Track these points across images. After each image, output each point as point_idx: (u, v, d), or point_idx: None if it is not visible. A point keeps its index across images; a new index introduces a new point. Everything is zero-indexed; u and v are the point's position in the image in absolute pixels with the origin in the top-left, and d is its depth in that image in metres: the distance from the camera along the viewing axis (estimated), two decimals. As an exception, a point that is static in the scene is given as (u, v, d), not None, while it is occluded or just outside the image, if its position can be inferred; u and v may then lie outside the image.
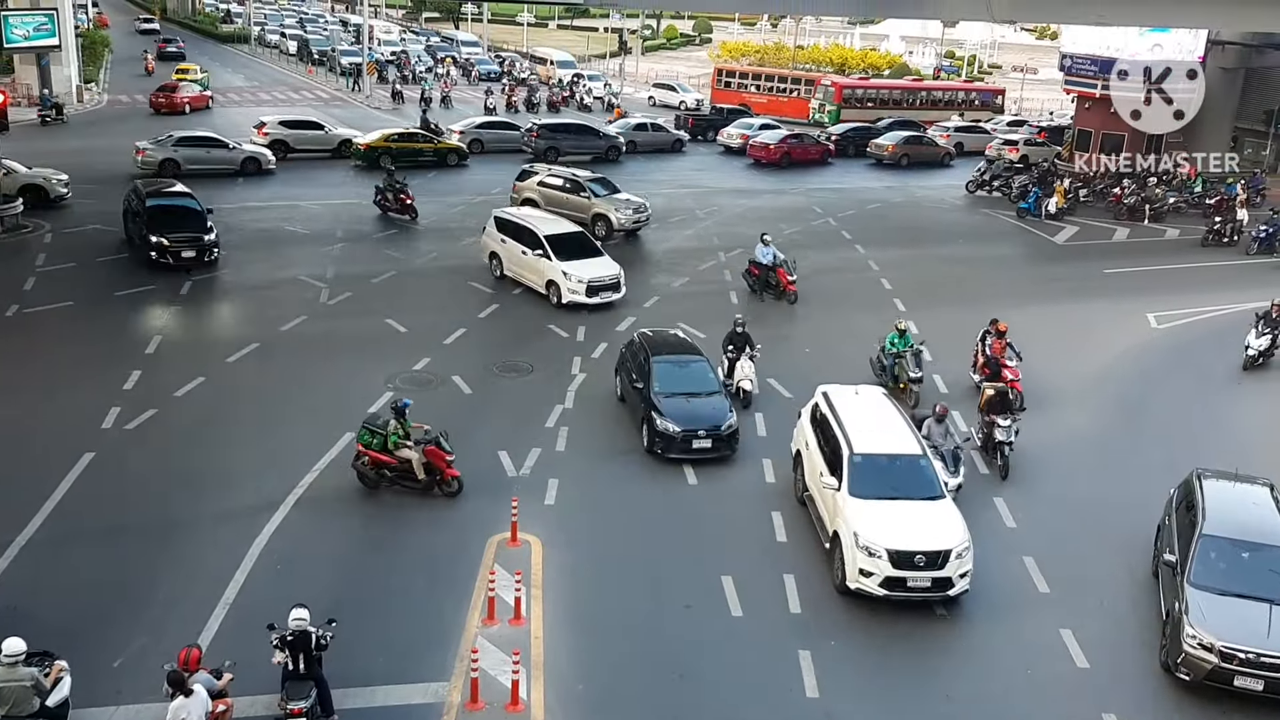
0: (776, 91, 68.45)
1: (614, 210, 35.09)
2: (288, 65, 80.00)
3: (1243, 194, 41.47)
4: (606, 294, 28.31)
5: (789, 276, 29.40)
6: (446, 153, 46.19)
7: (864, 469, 17.02)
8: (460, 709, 13.51)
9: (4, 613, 14.47)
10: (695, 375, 21.45)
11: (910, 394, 23.11)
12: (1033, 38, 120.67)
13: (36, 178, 34.61)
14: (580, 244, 29.41)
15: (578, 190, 35.95)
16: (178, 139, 41.21)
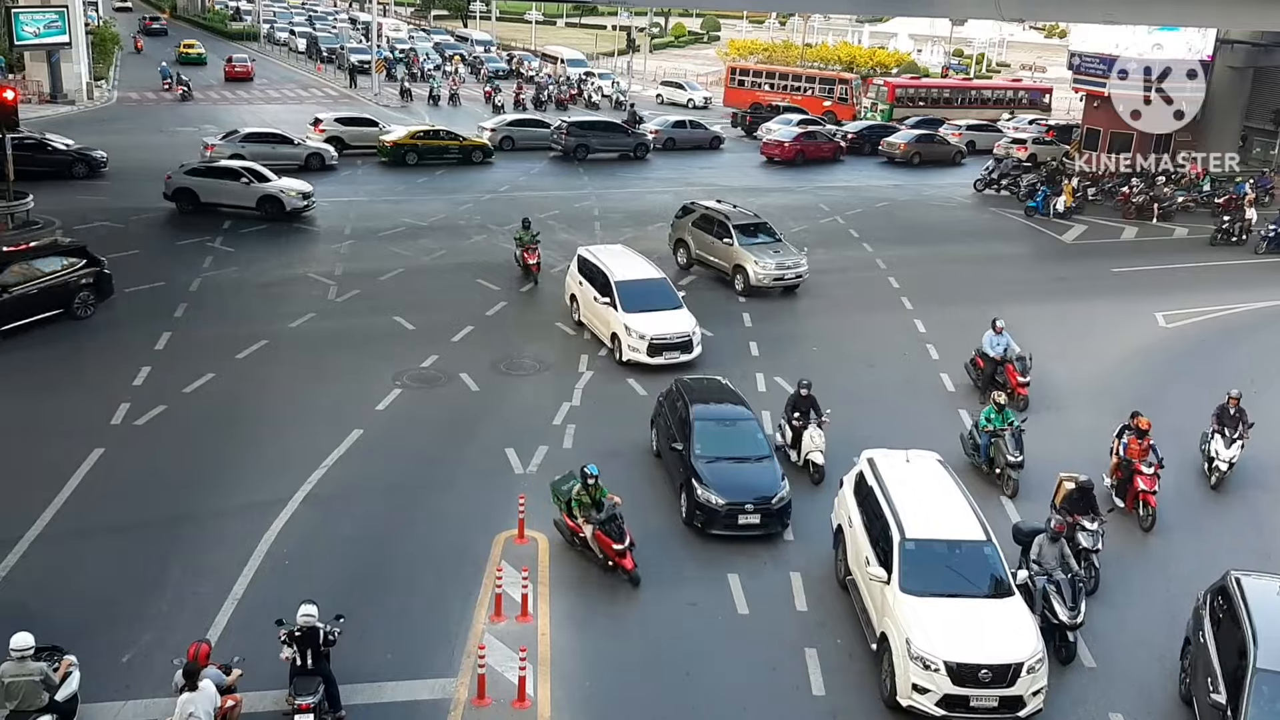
0: (791, 90, 68.20)
1: (754, 262, 29.81)
2: (297, 62, 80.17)
3: (1251, 193, 41.37)
4: (673, 354, 24.16)
5: (1020, 377, 23.19)
6: (471, 150, 46.59)
7: (918, 558, 14.44)
8: (467, 705, 13.56)
9: (13, 608, 14.56)
10: (743, 436, 18.82)
11: (1007, 481, 19.73)
12: (1041, 36, 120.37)
13: (273, 190, 35.97)
14: (657, 293, 25.34)
15: (721, 233, 31.01)
16: (245, 135, 42.20)
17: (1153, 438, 19.13)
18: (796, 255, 30.62)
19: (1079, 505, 17.14)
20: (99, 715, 12.98)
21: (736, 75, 71.36)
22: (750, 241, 30.44)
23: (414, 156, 45.05)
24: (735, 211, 32.01)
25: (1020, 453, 19.56)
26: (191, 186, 35.45)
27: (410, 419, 21.56)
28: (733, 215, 31.45)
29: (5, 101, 32.26)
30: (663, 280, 26.01)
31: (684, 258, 32.05)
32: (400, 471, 19.45)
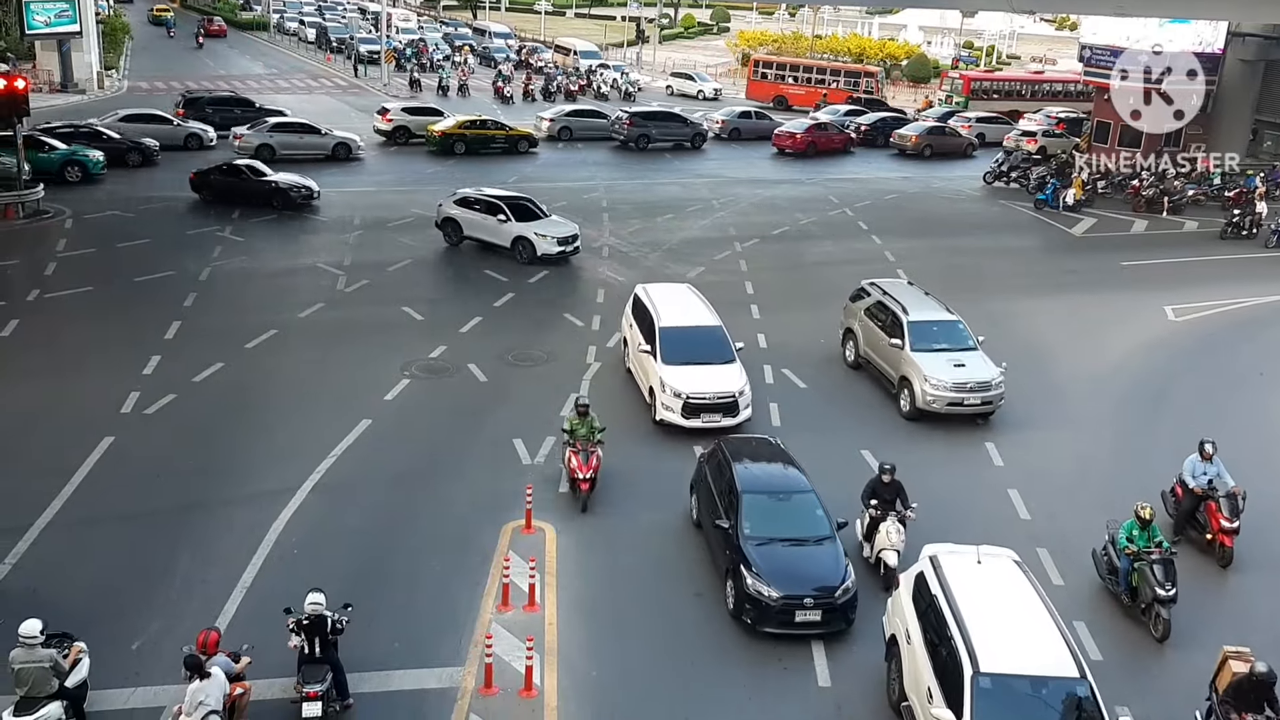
0: (815, 83, 67.60)
1: (925, 379, 21.93)
2: (306, 53, 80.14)
3: (1262, 186, 41.20)
4: (713, 417, 20.65)
5: (1225, 520, 17.59)
6: (517, 139, 47.17)
7: (996, 701, 11.67)
8: (474, 694, 13.61)
9: (23, 595, 14.70)
10: (800, 513, 16.11)
11: (1156, 621, 15.66)
12: (1052, 28, 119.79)
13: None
14: (706, 344, 21.87)
15: (893, 329, 23.26)
16: (273, 125, 42.85)
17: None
18: (989, 370, 22.25)
19: (1247, 699, 12.74)
20: (108, 702, 13.07)
21: (760, 68, 70.60)
22: (928, 347, 22.73)
23: (461, 146, 45.68)
24: (920, 299, 24.45)
25: (1173, 585, 15.57)
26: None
27: (418, 409, 21.61)
28: (913, 307, 23.74)
29: (16, 91, 32.33)
30: (715, 329, 22.29)
31: (851, 353, 24.81)
32: (408, 461, 19.50)
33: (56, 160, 36.53)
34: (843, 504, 16.86)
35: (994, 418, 22.40)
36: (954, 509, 18.71)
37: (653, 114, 52.80)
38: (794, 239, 35.89)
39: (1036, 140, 52.36)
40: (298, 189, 35.57)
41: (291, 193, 35.33)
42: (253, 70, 69.11)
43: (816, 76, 68.75)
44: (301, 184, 35.79)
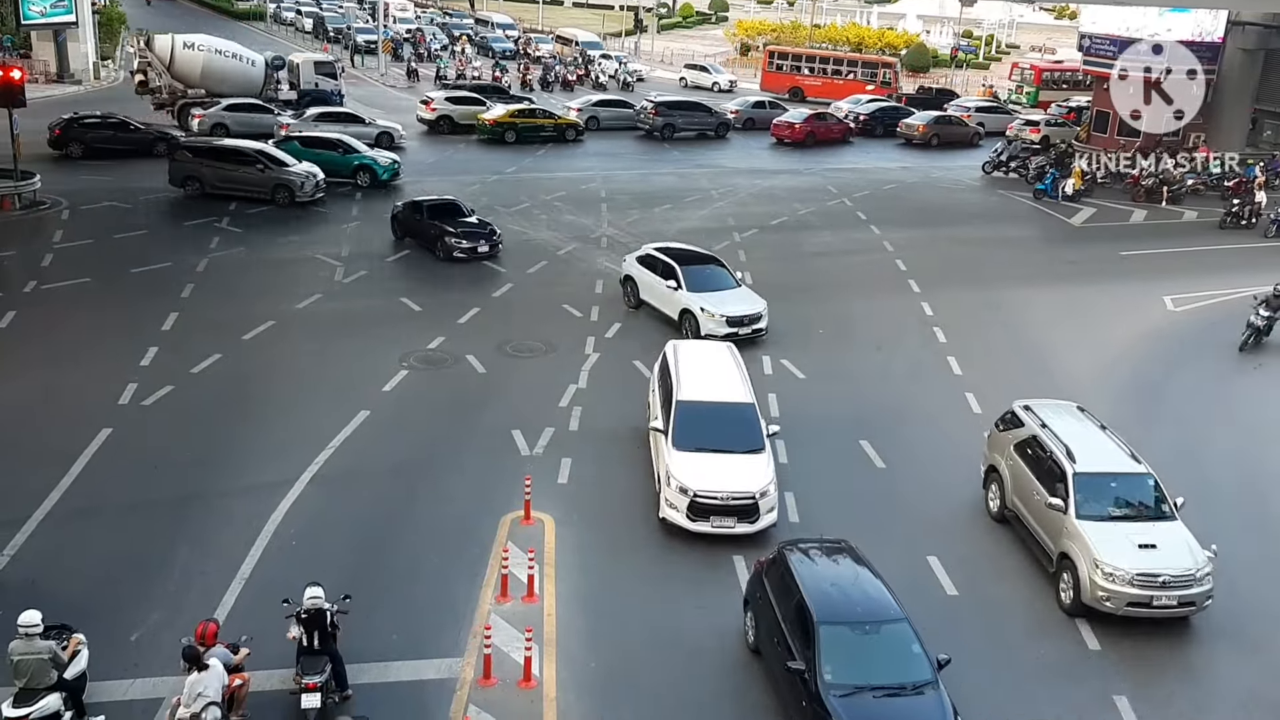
0: (832, 74, 67.26)
1: (1091, 561, 15.41)
2: (303, 42, 79.90)
3: (1261, 176, 41.18)
4: (725, 521, 16.75)
5: None
6: (565, 128, 48.39)
7: None
8: (473, 685, 13.62)
9: (22, 586, 14.70)
10: (893, 649, 12.90)
11: None
12: (1051, 17, 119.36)
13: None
14: (730, 425, 17.94)
15: (1050, 479, 16.80)
16: (318, 114, 43.50)
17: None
18: (1190, 556, 15.53)
19: None
20: (107, 693, 13.06)
21: (775, 59, 69.91)
22: (1102, 514, 16.10)
23: (512, 135, 46.72)
24: (1095, 438, 17.52)
25: None
26: None
27: (417, 400, 21.59)
28: (1083, 450, 16.86)
29: (12, 81, 32.24)
30: (745, 408, 18.22)
31: (995, 501, 18.26)
32: (407, 452, 19.49)
33: (350, 164, 37.29)
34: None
35: (991, 407, 22.34)
36: (952, 500, 18.74)
37: (678, 103, 53.52)
38: (793, 229, 35.84)
39: (1039, 130, 52.27)
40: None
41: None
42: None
43: (833, 67, 68.26)
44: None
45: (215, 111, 42.79)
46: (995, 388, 23.32)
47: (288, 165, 34.97)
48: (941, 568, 16.68)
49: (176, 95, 45.09)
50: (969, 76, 79.04)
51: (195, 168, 34.78)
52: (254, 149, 35.45)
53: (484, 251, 30.05)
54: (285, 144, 37.45)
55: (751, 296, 25.88)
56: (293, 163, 35.36)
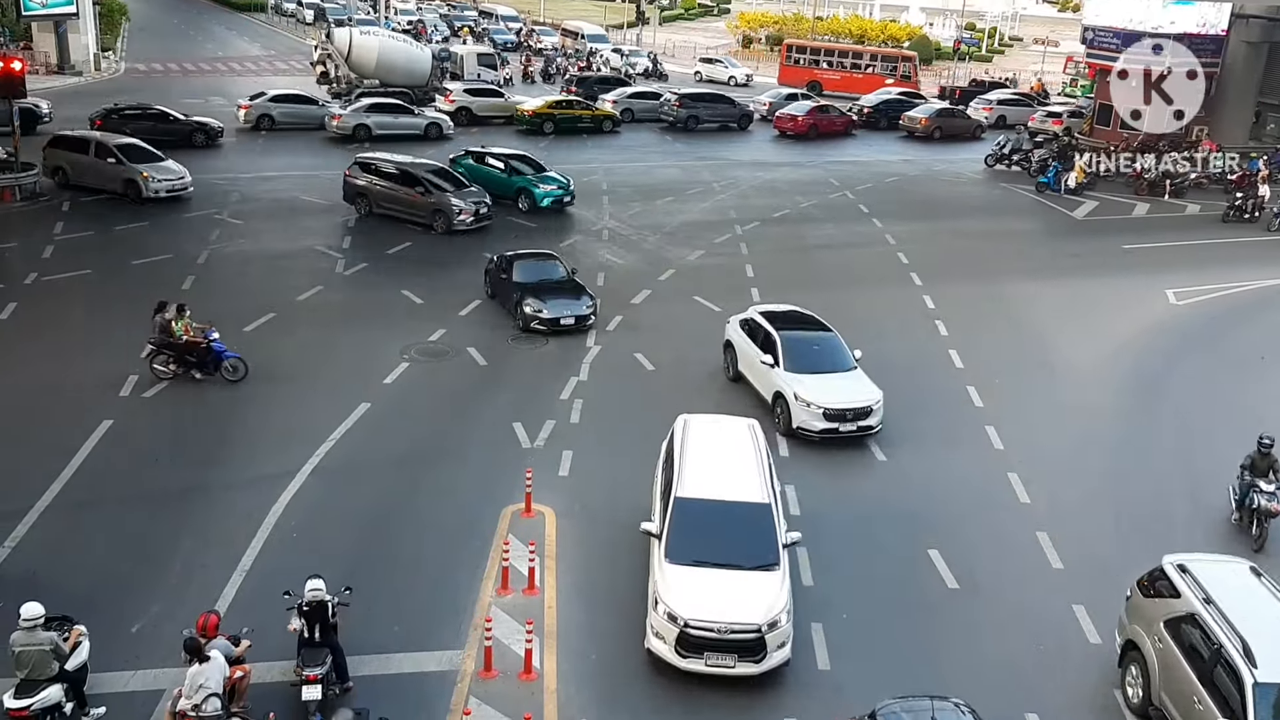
0: (851, 68, 66.81)
1: None
2: (304, 34, 79.78)
3: (1265, 169, 41.07)
4: (723, 661, 13.76)
5: None
6: (602, 119, 49.15)
7: None
8: (474, 677, 13.62)
9: (23, 578, 14.69)
10: None
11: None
12: (1054, 10, 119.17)
13: None
14: (740, 534, 14.79)
15: (1213, 681, 12.49)
16: (368, 105, 44.07)
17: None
18: None
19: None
20: (108, 684, 13.08)
21: (792, 53, 69.32)
22: None
23: (550, 125, 47.42)
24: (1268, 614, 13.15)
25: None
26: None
27: (418, 392, 21.58)
28: (1262, 648, 12.17)
29: (12, 72, 32.19)
30: (758, 510, 14.90)
31: (1136, 689, 13.90)
32: (408, 445, 19.48)
33: (513, 186, 34.74)
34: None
35: (993, 400, 22.37)
36: (954, 493, 18.74)
37: (701, 96, 53.89)
38: (795, 222, 35.78)
39: (1062, 121, 52.20)
40: None
41: None
42: (250, 52, 68.82)
43: (852, 61, 67.78)
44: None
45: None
46: (997, 381, 23.34)
47: (446, 189, 32.09)
48: (941, 559, 16.61)
49: (353, 85, 47.53)
50: (971, 69, 78.79)
51: (364, 185, 32.67)
52: (426, 169, 32.90)
53: (568, 324, 24.57)
54: (460, 161, 35.75)
55: (864, 383, 20.70)
56: (453, 188, 32.38)
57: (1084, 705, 14.03)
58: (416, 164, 33.30)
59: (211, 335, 21.25)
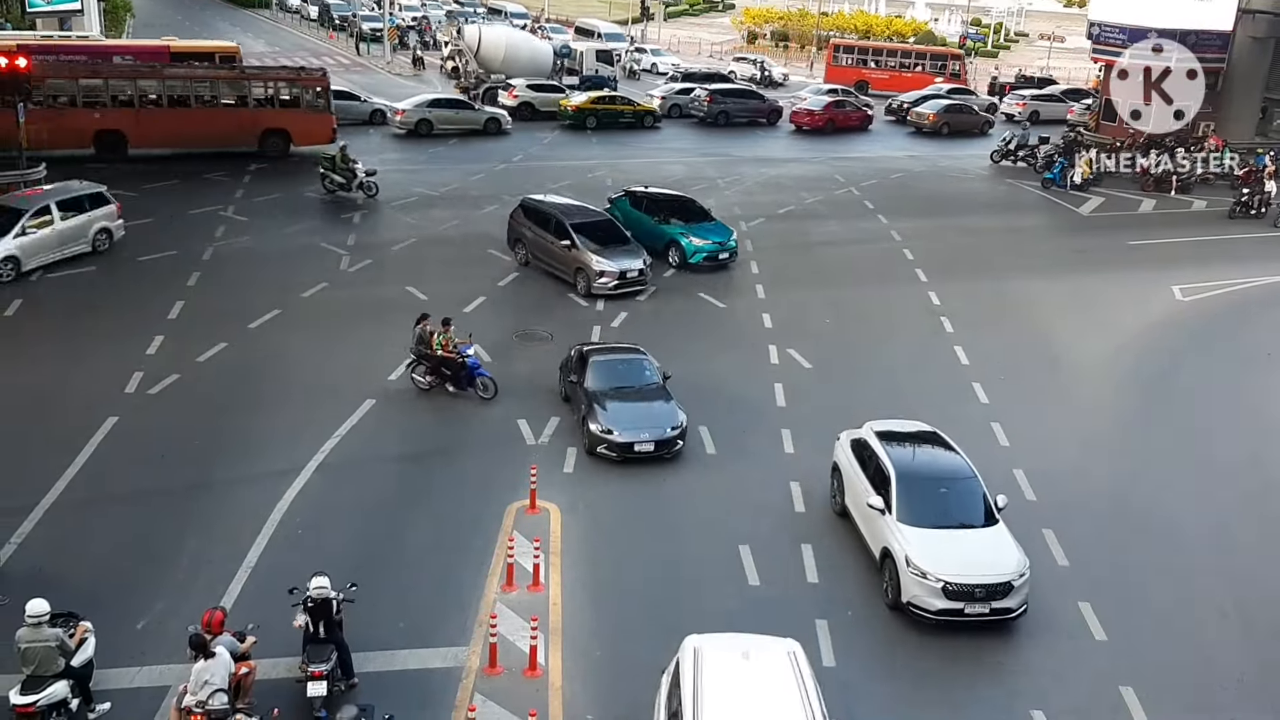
0: (900, 67, 66.66)
1: None
2: (308, 30, 79.83)
3: (1271, 165, 40.95)
4: None
5: None
6: (643, 115, 49.91)
7: None
8: (479, 673, 13.63)
9: (29, 574, 14.72)
10: None
11: None
12: (1060, 5, 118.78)
13: None
14: None
15: None
16: (430, 100, 45.71)
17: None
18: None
19: None
20: (114, 681, 13.10)
21: (840, 52, 69.07)
22: None
23: (593, 120, 48.23)
24: None
25: None
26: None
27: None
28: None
29: (17, 69, 32.17)
30: None
31: None
32: (412, 441, 19.50)
33: (664, 237, 29.66)
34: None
35: (999, 397, 22.33)
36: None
37: (730, 92, 54.22)
38: (800, 218, 35.73)
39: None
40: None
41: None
42: (254, 48, 68.70)
43: (901, 60, 67.76)
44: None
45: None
46: (1002, 378, 23.30)
47: (592, 245, 26.85)
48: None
49: (481, 80, 49.71)
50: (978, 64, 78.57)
51: (522, 231, 28.73)
52: (581, 216, 28.30)
53: (645, 450, 18.87)
54: (617, 203, 31.11)
55: (1004, 545, 15.45)
56: (606, 243, 27.14)
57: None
58: (572, 209, 28.89)
59: (467, 351, 20.90)
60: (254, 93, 38.81)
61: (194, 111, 37.98)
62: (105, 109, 36.79)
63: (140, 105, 37.13)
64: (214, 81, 38.76)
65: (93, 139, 36.50)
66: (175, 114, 37.56)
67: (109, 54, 43.03)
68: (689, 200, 31.55)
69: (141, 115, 37.09)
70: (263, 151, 38.54)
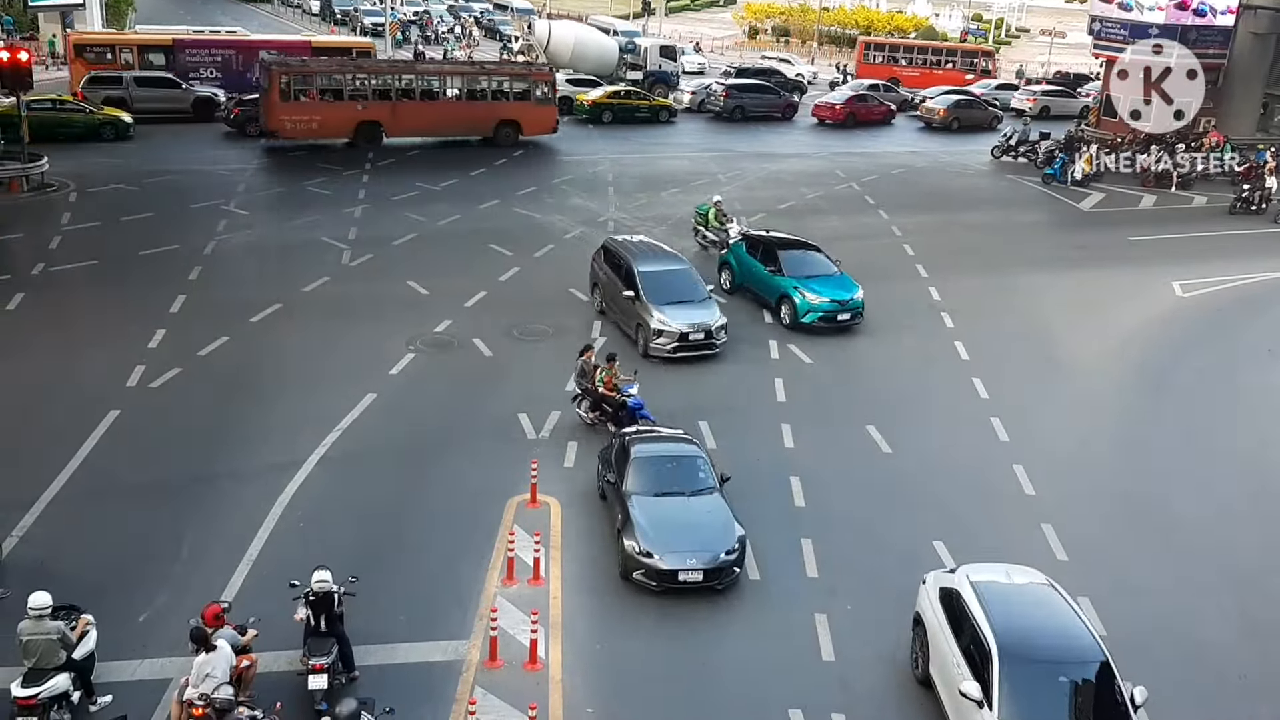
0: (930, 64, 66.88)
1: None
2: (311, 24, 79.71)
3: (1272, 161, 40.95)
4: None
5: None
6: (659, 109, 50.54)
7: None
8: (479, 667, 13.66)
9: (31, 567, 14.76)
10: None
11: None
12: (1061, 0, 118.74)
13: None
14: None
15: None
16: None
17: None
18: None
19: None
20: (115, 673, 13.12)
21: (870, 50, 69.31)
22: None
23: (609, 115, 48.71)
24: None
25: None
26: None
27: (424, 383, 21.61)
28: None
29: (19, 63, 32.20)
30: None
31: None
32: (413, 435, 19.52)
33: (776, 289, 25.70)
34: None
35: (998, 394, 22.34)
36: (959, 485, 18.74)
37: (747, 86, 54.25)
38: (800, 214, 35.72)
39: None
40: None
41: None
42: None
43: (931, 57, 67.92)
44: None
45: None
46: (1003, 373, 23.33)
47: (652, 300, 23.19)
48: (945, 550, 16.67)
49: None
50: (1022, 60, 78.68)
51: (599, 275, 25.79)
52: (658, 263, 24.45)
53: (693, 579, 15.30)
54: (734, 248, 27.76)
55: None
56: (676, 299, 23.35)
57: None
58: (648, 253, 24.98)
59: (629, 390, 19.47)
60: (492, 86, 42.53)
61: (440, 104, 41.55)
62: (367, 102, 40.03)
63: (396, 99, 40.46)
64: (458, 76, 42.70)
65: (354, 129, 39.96)
66: (425, 106, 41.17)
67: (254, 48, 46.86)
68: (813, 246, 27.32)
69: (397, 107, 40.51)
70: (495, 140, 42.12)
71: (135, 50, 45.74)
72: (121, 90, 42.16)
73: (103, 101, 40.57)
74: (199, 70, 46.36)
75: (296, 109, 38.61)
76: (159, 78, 44.28)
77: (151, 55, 46.15)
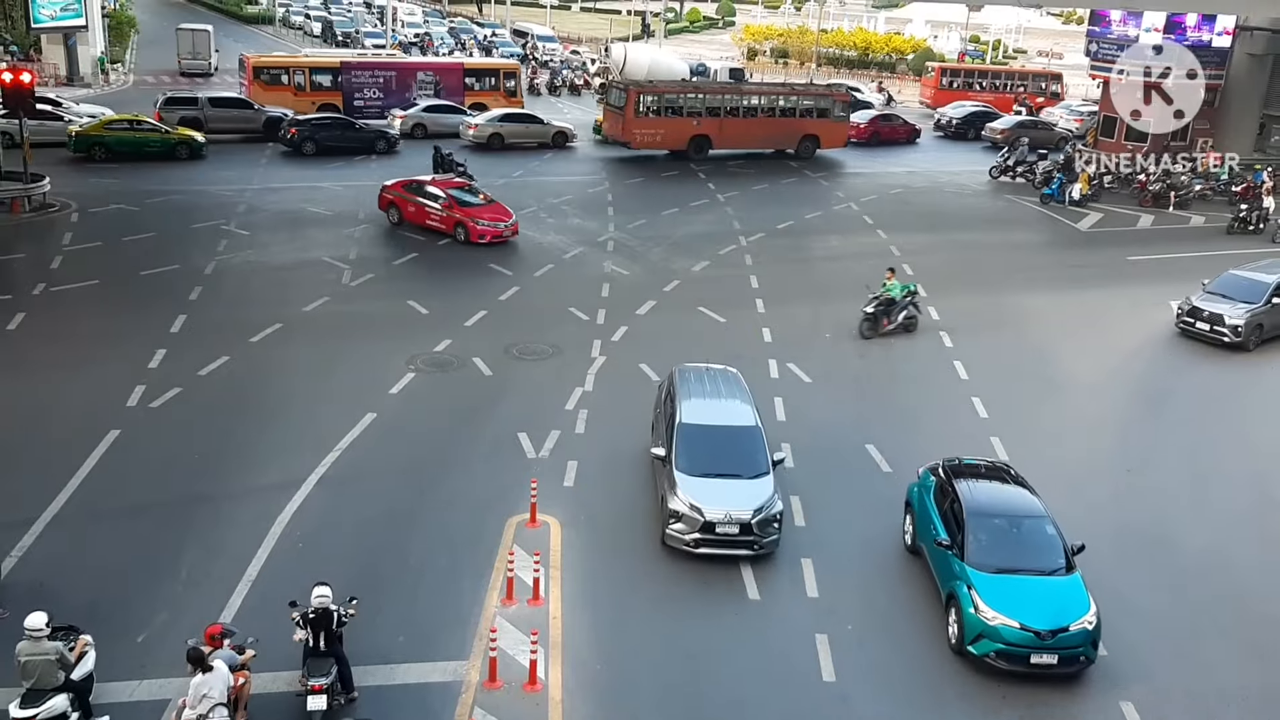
0: (1005, 90, 67.97)
1: None
2: (312, 45, 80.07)
3: (1269, 180, 41.09)
4: None
5: None
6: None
7: None
8: (479, 688, 13.62)
9: (30, 587, 14.73)
10: None
11: None
12: (1059, 22, 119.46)
13: None
14: None
15: None
16: (500, 115, 47.81)
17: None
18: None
19: None
20: (114, 694, 13.08)
21: (946, 76, 70.13)
22: None
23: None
24: None
25: None
26: None
27: (423, 403, 21.62)
28: None
29: (22, 84, 32.35)
30: None
31: None
32: (413, 455, 19.51)
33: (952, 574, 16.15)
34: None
35: (997, 413, 22.35)
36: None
37: None
38: (799, 234, 35.85)
39: None
40: None
41: None
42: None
43: (1005, 82, 69.35)
44: None
45: (415, 111, 47.97)
46: (1002, 392, 23.34)
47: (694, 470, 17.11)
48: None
49: None
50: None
51: (657, 417, 19.11)
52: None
53: None
54: (921, 480, 21.69)
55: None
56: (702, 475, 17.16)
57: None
58: (709, 405, 18.54)
59: None
60: (800, 105, 47.91)
61: (757, 120, 47.80)
62: (700, 118, 45.93)
63: (724, 115, 46.34)
64: (773, 96, 48.56)
65: (689, 141, 45.64)
66: (745, 122, 47.40)
67: (413, 70, 52.30)
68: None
69: (724, 123, 46.50)
70: (797, 153, 47.65)
71: (306, 72, 49.99)
72: (196, 110, 44.09)
73: (178, 122, 42.11)
74: (363, 91, 50.00)
75: (646, 124, 45.10)
76: (232, 99, 46.69)
77: (320, 77, 49.57)
